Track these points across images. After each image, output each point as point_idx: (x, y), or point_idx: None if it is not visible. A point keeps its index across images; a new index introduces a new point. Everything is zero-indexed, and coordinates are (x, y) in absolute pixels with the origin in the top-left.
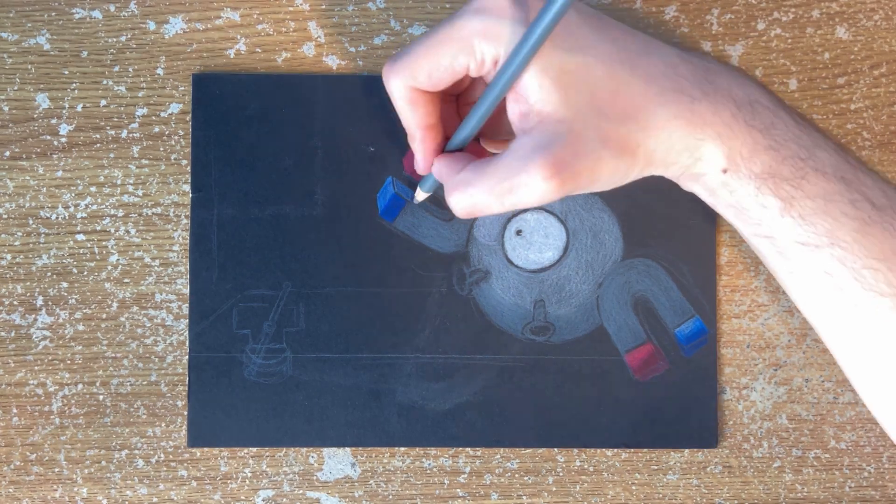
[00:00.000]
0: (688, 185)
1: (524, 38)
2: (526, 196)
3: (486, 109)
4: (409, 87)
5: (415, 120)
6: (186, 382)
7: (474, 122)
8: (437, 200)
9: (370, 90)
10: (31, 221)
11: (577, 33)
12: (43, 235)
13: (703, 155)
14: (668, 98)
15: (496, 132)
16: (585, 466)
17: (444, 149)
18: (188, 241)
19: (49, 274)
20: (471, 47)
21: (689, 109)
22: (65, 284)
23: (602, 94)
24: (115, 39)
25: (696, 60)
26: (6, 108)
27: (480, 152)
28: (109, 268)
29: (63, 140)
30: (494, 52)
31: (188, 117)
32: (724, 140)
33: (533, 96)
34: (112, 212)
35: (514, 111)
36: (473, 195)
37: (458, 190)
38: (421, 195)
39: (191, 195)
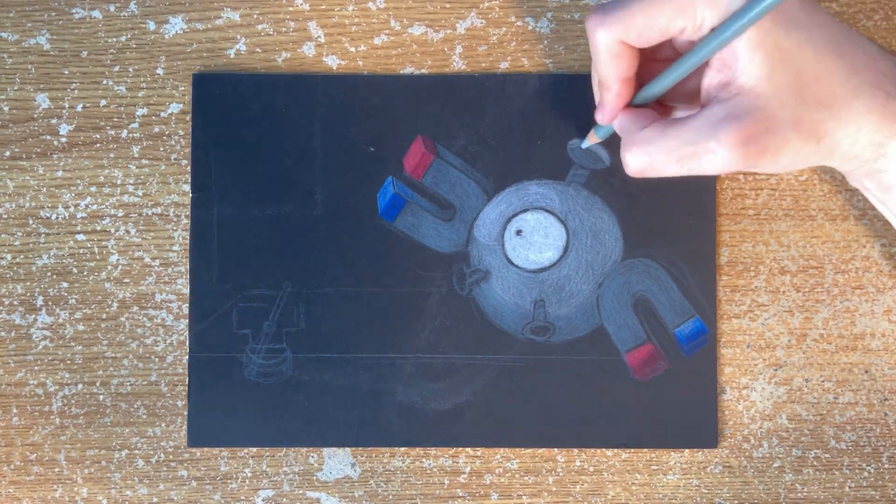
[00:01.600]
0: (859, 181)
1: (747, 7)
2: (709, 162)
3: (685, 71)
4: (616, 40)
5: (614, 73)
6: (186, 382)
7: (669, 80)
8: (437, 199)
9: (370, 90)
10: (31, 221)
11: (792, 12)
12: (43, 235)
13: (888, 152)
14: (865, 91)
15: (677, 95)
16: (585, 466)
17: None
18: (188, 241)
19: (49, 274)
20: (693, 10)
21: (884, 105)
22: (65, 284)
23: (805, 78)
24: (115, 39)
25: (894, 58)
26: (6, 108)
27: (663, 111)
28: (109, 268)
29: (63, 140)
30: (716, 18)
31: (188, 117)
32: None
33: (740, 66)
34: (112, 212)
35: (713, 78)
36: (652, 154)
37: (636, 146)
38: (593, 139)
39: (191, 195)
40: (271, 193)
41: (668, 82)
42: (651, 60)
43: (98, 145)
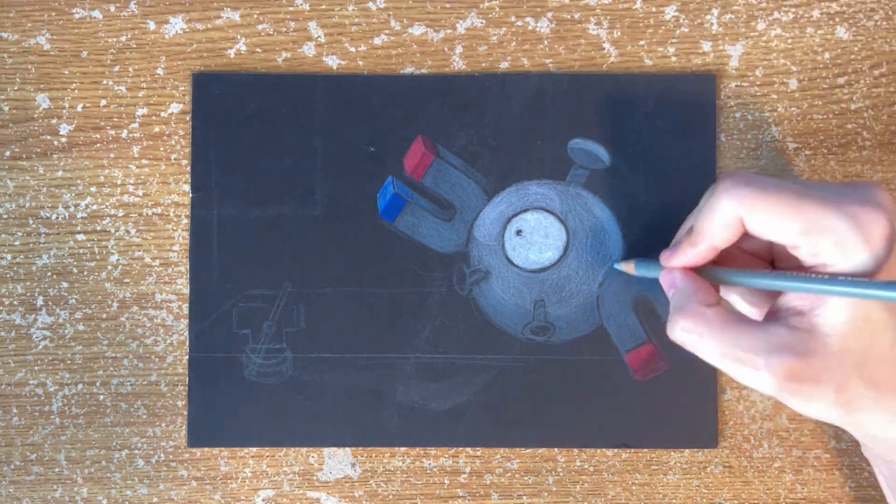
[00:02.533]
0: (871, 455)
1: (881, 285)
2: (749, 377)
3: (777, 287)
4: (739, 215)
5: (713, 237)
6: (186, 382)
7: (755, 284)
8: (437, 199)
9: (370, 90)
10: (31, 221)
11: None
12: (43, 235)
13: None
14: None
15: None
16: (585, 466)
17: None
18: (188, 241)
19: (49, 274)
20: (818, 240)
21: None
22: (65, 284)
23: (872, 355)
24: (115, 39)
25: None
26: (6, 108)
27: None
28: (109, 268)
29: (63, 140)
30: (834, 263)
31: (188, 117)
32: None
33: (824, 311)
34: (112, 212)
35: (794, 302)
36: (704, 336)
37: (693, 321)
38: (629, 269)
39: (191, 195)
40: (271, 193)
41: (753, 285)
42: (737, 247)
43: (98, 145)
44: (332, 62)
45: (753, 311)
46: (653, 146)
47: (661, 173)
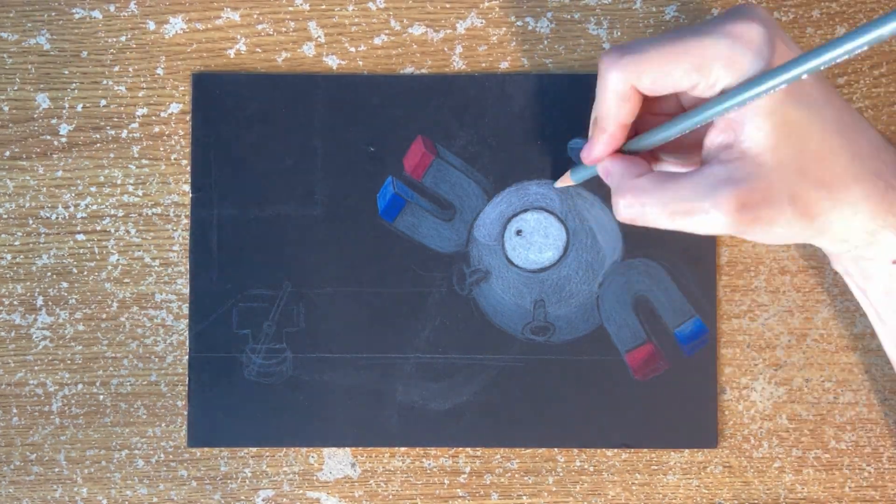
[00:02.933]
0: (842, 265)
1: (766, 76)
2: (702, 223)
3: (689, 126)
4: (628, 83)
5: (616, 115)
6: (186, 382)
7: (671, 133)
8: (437, 199)
9: (370, 90)
10: (31, 221)
11: (806, 87)
12: (43, 235)
13: (878, 241)
14: (865, 178)
15: (669, 148)
16: (585, 466)
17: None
18: (188, 241)
19: (49, 274)
20: (709, 67)
21: (882, 194)
22: (65, 284)
23: (808, 155)
24: (115, 39)
25: None
26: (6, 108)
27: (651, 162)
28: (109, 268)
29: (63, 140)
30: (730, 81)
31: (188, 117)
32: None
33: (746, 132)
34: (112, 212)
35: (716, 139)
36: (646, 204)
37: (631, 194)
38: (567, 181)
39: (191, 195)
40: (271, 193)
41: (669, 135)
42: (648, 113)
43: (98, 145)
44: (332, 62)
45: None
46: None
47: None
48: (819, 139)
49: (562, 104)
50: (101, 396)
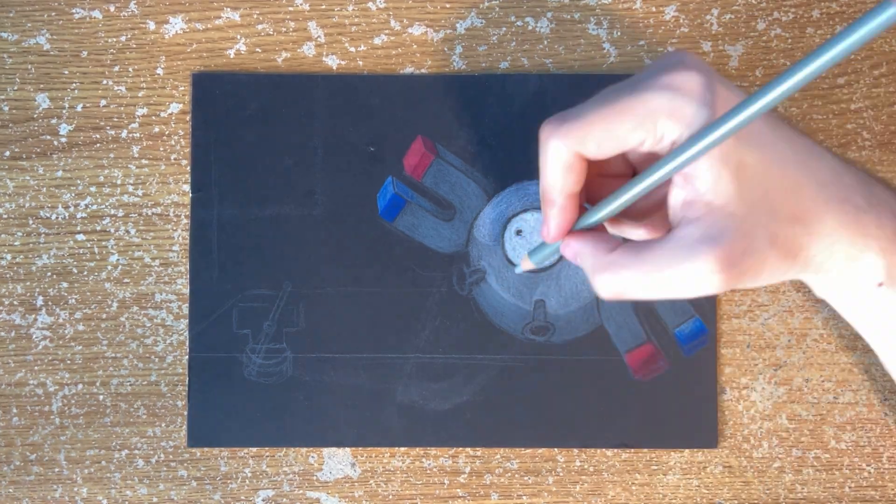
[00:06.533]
0: (827, 293)
1: (713, 125)
2: (689, 287)
3: (646, 187)
4: (571, 150)
5: (563, 186)
6: (186, 382)
7: (628, 197)
8: (437, 199)
9: (370, 90)
10: (31, 221)
11: (755, 129)
12: (43, 235)
13: (861, 266)
14: (835, 206)
15: (635, 214)
16: (585, 466)
17: (574, 223)
18: (188, 241)
19: (49, 274)
20: (653, 124)
21: (855, 219)
22: (65, 284)
23: (775, 194)
24: (115, 39)
25: (856, 170)
26: (6, 108)
27: (614, 227)
28: (109, 268)
29: (63, 140)
30: (677, 133)
31: (188, 117)
32: (885, 254)
33: (706, 185)
34: (112, 212)
35: (678, 196)
36: (627, 279)
37: (609, 272)
38: (527, 265)
39: (191, 195)
40: (271, 193)
41: (627, 199)
42: (597, 175)
43: (98, 145)
44: (332, 62)
45: (659, 235)
46: None
47: None
48: (780, 176)
49: (562, 104)
50: (101, 396)
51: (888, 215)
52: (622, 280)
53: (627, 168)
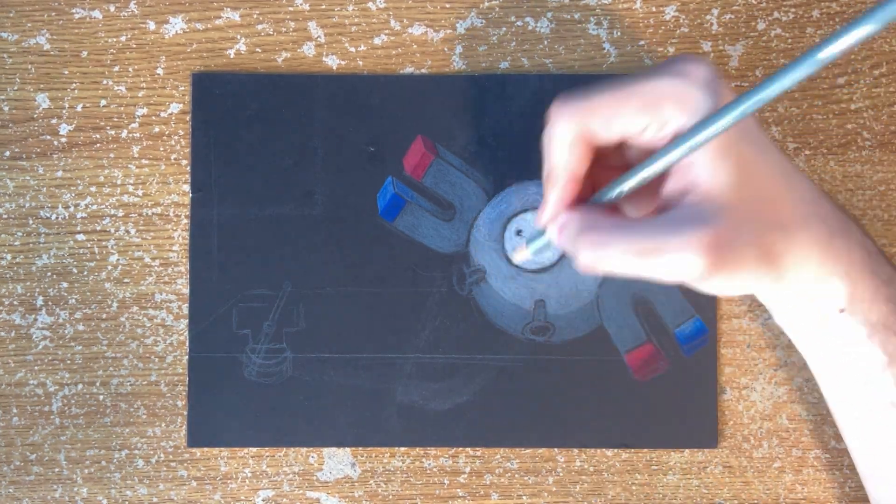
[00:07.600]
0: (787, 317)
1: (719, 113)
2: (671, 265)
3: (651, 174)
4: (578, 132)
5: (567, 167)
6: (186, 382)
7: (632, 183)
8: (437, 199)
9: (370, 90)
10: (31, 221)
11: (751, 128)
12: (43, 235)
13: (826, 289)
14: (812, 223)
15: (627, 202)
16: (585, 466)
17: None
18: (188, 241)
19: (49, 274)
20: (658, 109)
21: (829, 241)
22: (65, 284)
23: (764, 195)
24: (115, 39)
25: (832, 199)
26: (6, 108)
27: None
28: (109, 268)
29: (63, 140)
30: (682, 120)
31: (188, 117)
32: (850, 280)
33: (705, 173)
34: (112, 212)
35: (675, 183)
36: (608, 245)
37: (591, 235)
38: (523, 255)
39: (191, 195)
40: (271, 193)
41: (632, 183)
42: (598, 167)
43: (98, 145)
44: (332, 62)
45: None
46: None
47: None
48: (770, 179)
49: None
50: (101, 396)
51: (856, 244)
52: (603, 244)
53: (626, 164)
